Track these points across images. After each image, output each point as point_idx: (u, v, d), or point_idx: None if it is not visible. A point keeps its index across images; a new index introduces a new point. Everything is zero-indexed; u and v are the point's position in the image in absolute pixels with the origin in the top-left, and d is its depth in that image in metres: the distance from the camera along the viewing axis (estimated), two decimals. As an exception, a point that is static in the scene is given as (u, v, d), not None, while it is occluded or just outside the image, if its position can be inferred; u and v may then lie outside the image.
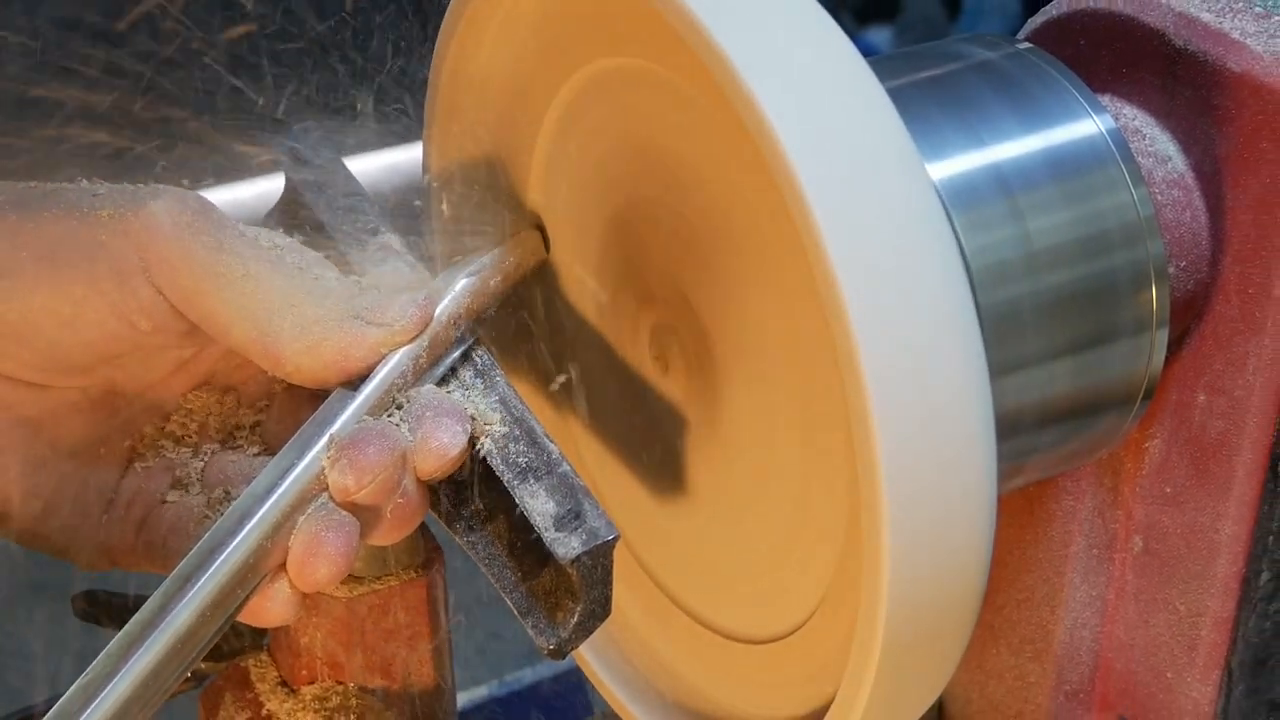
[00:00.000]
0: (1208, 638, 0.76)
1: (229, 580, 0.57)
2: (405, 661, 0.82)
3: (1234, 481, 0.72)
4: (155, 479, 0.66)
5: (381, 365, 0.61)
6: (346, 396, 0.61)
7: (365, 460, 0.58)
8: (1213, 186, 0.70)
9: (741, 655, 0.72)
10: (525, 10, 0.69)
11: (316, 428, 0.60)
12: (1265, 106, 0.67)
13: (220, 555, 0.57)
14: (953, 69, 0.71)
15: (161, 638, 0.56)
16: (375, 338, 0.60)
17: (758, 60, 0.55)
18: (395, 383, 0.61)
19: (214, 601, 0.56)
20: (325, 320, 0.60)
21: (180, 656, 0.56)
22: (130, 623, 0.56)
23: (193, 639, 0.56)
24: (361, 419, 0.60)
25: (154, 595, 0.57)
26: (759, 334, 0.64)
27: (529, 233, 0.72)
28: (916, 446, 0.55)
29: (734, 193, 0.63)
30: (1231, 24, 0.69)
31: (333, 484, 0.58)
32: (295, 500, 0.58)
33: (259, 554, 0.57)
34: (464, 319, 0.64)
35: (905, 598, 0.57)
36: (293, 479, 0.58)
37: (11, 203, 0.61)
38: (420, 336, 0.61)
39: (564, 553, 0.59)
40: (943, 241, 0.56)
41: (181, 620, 0.56)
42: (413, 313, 0.61)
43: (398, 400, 0.61)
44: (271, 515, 0.57)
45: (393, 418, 0.61)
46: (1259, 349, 0.70)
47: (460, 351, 0.64)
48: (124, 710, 0.54)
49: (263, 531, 0.57)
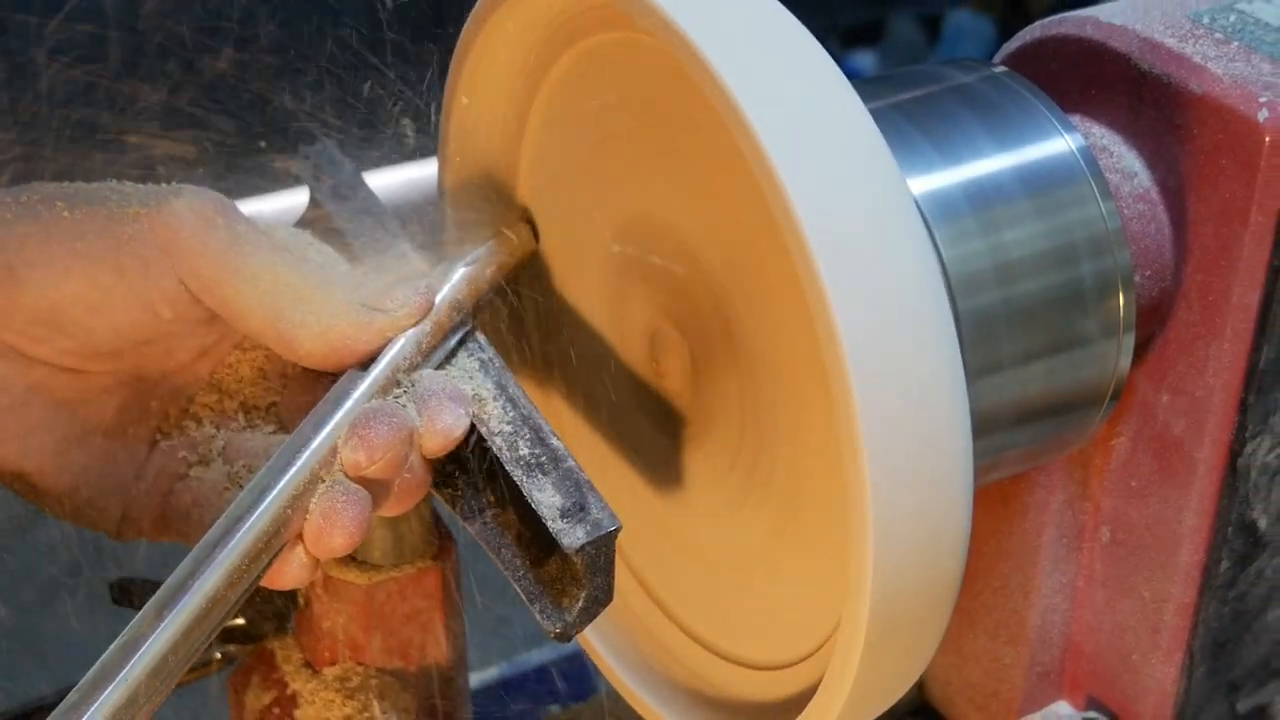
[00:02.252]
0: (1171, 622, 0.76)
1: (254, 545, 0.57)
2: (421, 644, 0.82)
3: (1195, 476, 0.72)
4: (179, 456, 0.67)
5: (389, 348, 0.62)
6: (357, 377, 0.61)
7: (376, 438, 0.59)
8: (1176, 200, 0.70)
9: (737, 638, 0.72)
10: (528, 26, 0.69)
11: (331, 406, 0.60)
12: (1225, 126, 0.67)
13: (246, 522, 0.57)
14: (932, 91, 0.71)
15: (194, 598, 0.56)
16: (382, 323, 0.61)
17: (753, 87, 0.55)
18: (401, 364, 0.62)
19: (241, 564, 0.57)
20: (335, 307, 0.61)
21: (211, 615, 0.57)
22: (164, 585, 0.57)
23: (222, 599, 0.57)
24: (371, 399, 0.60)
25: (186, 559, 0.57)
26: (749, 338, 0.64)
27: (519, 226, 0.72)
28: (899, 444, 0.55)
29: (726, 207, 0.63)
30: (1193, 49, 0.69)
31: (346, 460, 0.59)
32: (312, 474, 0.59)
33: (280, 521, 0.58)
34: (463, 305, 0.65)
35: (888, 584, 0.57)
36: (309, 454, 0.59)
37: (44, 200, 0.62)
38: (423, 321, 0.62)
39: (569, 543, 0.59)
40: (923, 252, 0.56)
41: (212, 581, 0.56)
42: (416, 300, 0.62)
43: (404, 382, 0.62)
44: (290, 487, 0.58)
45: (400, 400, 0.61)
46: (1219, 353, 0.69)
47: (460, 336, 0.65)
48: (162, 662, 0.55)
49: (283, 502, 0.58)
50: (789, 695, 0.68)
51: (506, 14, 0.67)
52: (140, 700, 0.54)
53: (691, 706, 0.73)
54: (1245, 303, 0.68)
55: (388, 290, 0.63)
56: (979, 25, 3.57)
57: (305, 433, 0.60)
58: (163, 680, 0.55)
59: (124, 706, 0.54)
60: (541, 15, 0.67)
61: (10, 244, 0.61)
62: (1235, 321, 0.69)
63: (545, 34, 0.69)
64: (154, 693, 0.55)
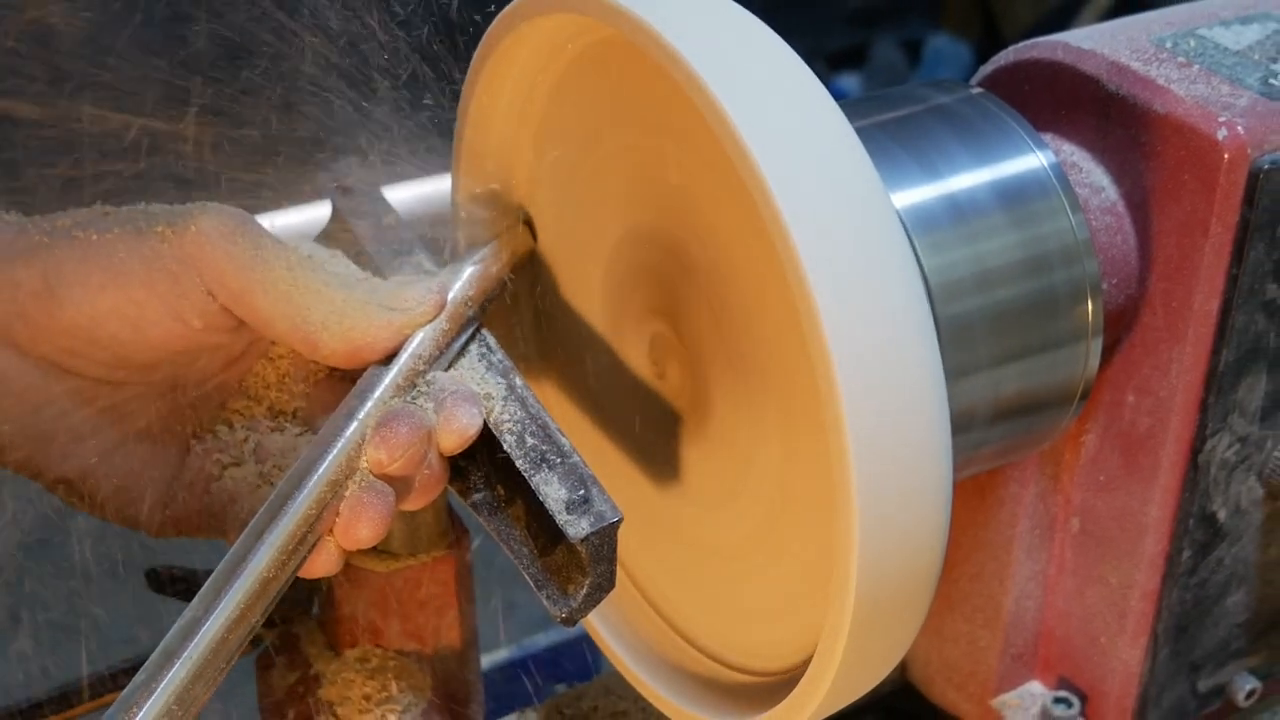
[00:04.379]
0: (1136, 607, 0.76)
1: (295, 534, 0.58)
2: (435, 628, 0.82)
3: (1159, 471, 0.72)
4: (214, 458, 0.67)
5: (407, 344, 0.62)
6: (379, 373, 0.62)
7: (397, 438, 0.59)
8: (1141, 213, 0.70)
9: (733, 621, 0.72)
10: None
11: (356, 400, 0.61)
12: (1187, 143, 0.67)
13: (287, 513, 0.58)
14: (913, 111, 0.71)
15: (247, 582, 0.57)
16: (400, 321, 0.62)
17: (749, 110, 0.55)
18: (420, 358, 0.62)
19: (285, 551, 0.58)
20: (354, 309, 0.61)
21: (265, 596, 0.57)
22: (215, 573, 0.57)
23: (274, 581, 0.57)
24: (390, 401, 0.61)
25: (232, 549, 0.58)
26: (743, 342, 0.64)
27: (520, 227, 0.72)
28: (882, 441, 0.55)
29: (723, 219, 0.63)
30: (1158, 71, 0.69)
31: (370, 458, 0.60)
32: (341, 469, 0.59)
33: (318, 511, 0.58)
34: (473, 300, 0.65)
35: (873, 572, 0.56)
36: (338, 450, 0.59)
37: (80, 224, 0.63)
38: (438, 318, 0.63)
39: (574, 533, 0.59)
40: (905, 261, 0.56)
41: (263, 565, 0.57)
42: (431, 297, 0.63)
43: (421, 383, 0.62)
44: (323, 481, 0.59)
45: (418, 401, 0.62)
46: (1181, 355, 0.69)
47: (470, 332, 0.65)
48: (222, 642, 0.55)
49: (318, 494, 0.58)
50: (781, 669, 0.68)
51: (516, 42, 0.67)
52: (207, 676, 0.55)
53: (688, 684, 0.73)
54: (1206, 309, 0.68)
55: (403, 290, 0.63)
56: (957, 49, 3.57)
57: (333, 429, 0.60)
58: (224, 659, 0.56)
59: (188, 684, 0.54)
60: (549, 41, 0.67)
61: (49, 266, 0.61)
62: (1196, 327, 0.68)
63: (549, 59, 0.69)
64: (217, 671, 0.55)
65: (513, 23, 0.66)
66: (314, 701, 0.81)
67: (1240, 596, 0.78)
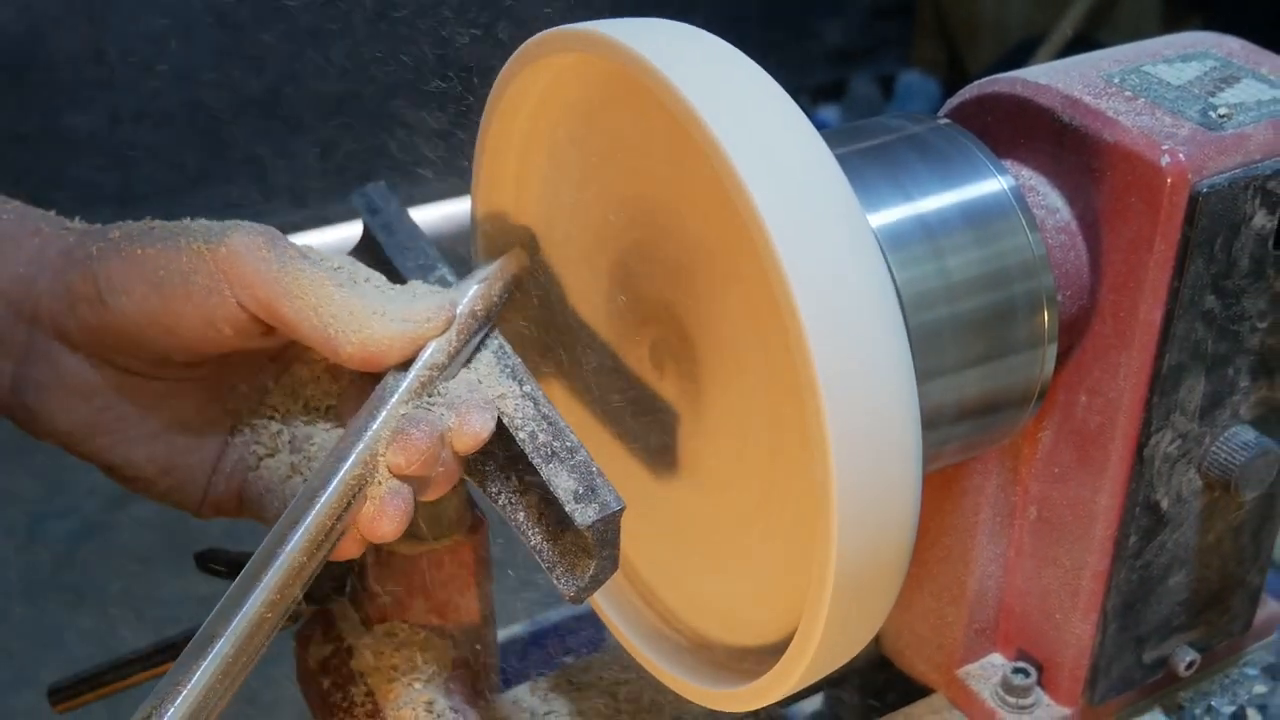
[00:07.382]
0: (1088, 587, 0.76)
1: (325, 523, 0.58)
2: (457, 605, 0.82)
3: (1108, 464, 0.72)
4: (251, 449, 0.67)
5: (422, 353, 0.63)
6: (397, 378, 0.62)
7: (413, 444, 0.60)
8: (1092, 232, 0.70)
9: (720, 601, 0.72)
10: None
11: (376, 403, 0.61)
12: (1133, 169, 0.67)
13: (316, 504, 0.58)
14: (887, 139, 0.71)
15: (284, 565, 0.57)
16: (413, 333, 0.62)
17: (739, 140, 0.55)
18: (433, 367, 0.62)
19: (316, 539, 0.58)
20: (373, 320, 0.62)
21: (301, 577, 0.58)
22: (254, 556, 0.57)
23: (306, 566, 0.58)
24: (406, 405, 0.61)
25: (268, 536, 0.58)
26: (734, 347, 0.64)
27: (518, 249, 0.72)
28: (859, 437, 0.55)
29: (715, 237, 0.63)
30: (1107, 104, 0.69)
31: (390, 462, 0.60)
32: (363, 470, 0.60)
33: (345, 500, 0.59)
34: (479, 315, 0.65)
35: (851, 556, 0.56)
36: (359, 452, 0.60)
37: (128, 237, 0.63)
38: (448, 331, 0.63)
39: (582, 520, 0.59)
40: (879, 274, 0.56)
41: (297, 551, 0.57)
42: (442, 313, 0.63)
43: (437, 391, 0.62)
44: (347, 478, 0.59)
45: (435, 404, 0.62)
46: (1129, 360, 0.69)
47: (480, 339, 0.65)
48: (260, 621, 0.56)
49: (343, 489, 0.59)
50: (766, 644, 0.68)
51: (529, 78, 0.67)
52: (249, 649, 0.55)
53: (683, 656, 0.73)
54: (1150, 319, 0.68)
55: (417, 303, 0.63)
56: (926, 84, 3.58)
57: (356, 429, 0.61)
58: (264, 634, 0.56)
59: (232, 658, 0.55)
60: (555, 77, 0.67)
61: (100, 275, 0.62)
62: (1142, 334, 0.68)
63: (555, 93, 0.69)
64: (258, 645, 0.56)
65: (523, 63, 0.66)
66: (347, 671, 0.81)
67: (1181, 577, 0.78)
